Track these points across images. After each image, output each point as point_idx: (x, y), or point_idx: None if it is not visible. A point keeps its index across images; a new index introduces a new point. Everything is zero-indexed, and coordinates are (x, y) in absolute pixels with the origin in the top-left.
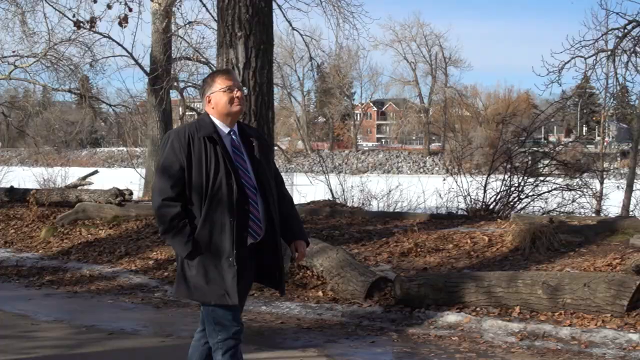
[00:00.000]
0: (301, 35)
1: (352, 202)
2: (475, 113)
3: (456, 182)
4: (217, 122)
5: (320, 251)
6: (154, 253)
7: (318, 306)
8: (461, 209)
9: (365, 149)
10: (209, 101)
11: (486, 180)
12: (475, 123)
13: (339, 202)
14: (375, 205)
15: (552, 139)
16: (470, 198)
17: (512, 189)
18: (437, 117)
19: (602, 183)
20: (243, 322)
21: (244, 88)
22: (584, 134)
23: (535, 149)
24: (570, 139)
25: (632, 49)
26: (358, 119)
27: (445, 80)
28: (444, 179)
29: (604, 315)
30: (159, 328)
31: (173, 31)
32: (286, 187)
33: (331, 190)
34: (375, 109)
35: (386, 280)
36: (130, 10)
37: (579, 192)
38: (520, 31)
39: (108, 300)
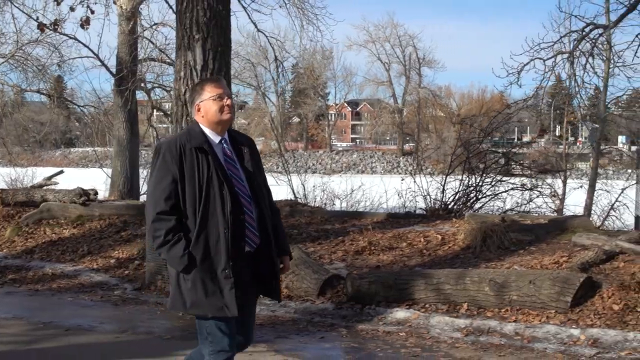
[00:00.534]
0: (266, 36)
1: (315, 202)
2: (449, 113)
3: (415, 182)
4: (207, 130)
5: None
6: (116, 252)
7: (272, 303)
8: (421, 208)
9: (339, 149)
10: (199, 109)
11: (445, 180)
12: (449, 123)
13: (300, 202)
14: (338, 205)
15: (525, 139)
16: (430, 198)
17: (470, 188)
18: (411, 117)
19: (564, 183)
20: (249, 334)
21: (233, 97)
22: (557, 134)
23: (493, 149)
24: (543, 139)
25: (589, 51)
26: (332, 119)
27: (419, 80)
28: (402, 179)
29: (548, 311)
30: (116, 325)
31: (139, 33)
32: None
33: (293, 190)
34: (350, 109)
35: (339, 277)
36: (92, 12)
37: (535, 192)
38: (494, 32)
39: (68, 298)
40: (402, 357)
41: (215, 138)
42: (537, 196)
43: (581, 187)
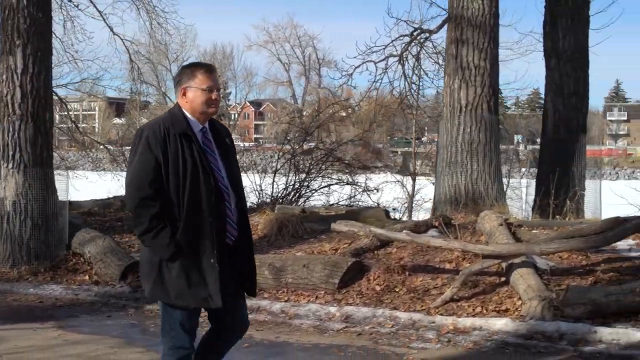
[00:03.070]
0: (122, 39)
1: None
2: (348, 113)
3: (248, 178)
4: (190, 117)
5: (91, 240)
6: None
7: (78, 288)
8: (252, 203)
9: (241, 149)
10: (184, 94)
11: (274, 177)
12: (349, 123)
13: None
14: None
15: (424, 139)
16: (262, 193)
17: (296, 184)
18: (312, 117)
19: (414, 180)
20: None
21: (221, 89)
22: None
23: (319, 147)
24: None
25: (416, 55)
26: (234, 119)
27: (319, 81)
28: None
29: (318, 292)
30: None
31: None
32: None
33: None
34: (253, 109)
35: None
36: None
37: (355, 187)
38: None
39: None
40: None
41: (196, 126)
42: (363, 191)
43: (432, 183)
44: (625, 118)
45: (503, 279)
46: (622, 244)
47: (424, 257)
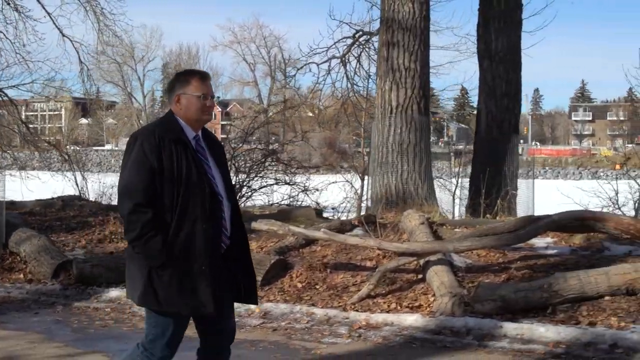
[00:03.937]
0: (71, 41)
1: (102, 198)
2: (314, 113)
3: None
4: (183, 124)
5: (27, 239)
6: None
7: (11, 286)
8: None
9: None
10: (178, 101)
11: None
12: (315, 123)
13: (84, 197)
14: None
15: None
16: None
17: (237, 185)
18: (278, 117)
19: (362, 180)
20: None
21: (216, 96)
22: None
23: (261, 148)
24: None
25: (358, 56)
26: None
27: (284, 81)
28: None
29: None
30: None
31: None
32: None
33: (77, 185)
34: (220, 109)
35: (72, 262)
36: None
37: (295, 187)
38: None
39: None
40: (92, 327)
41: (190, 133)
42: (302, 191)
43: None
44: (590, 118)
45: (420, 276)
46: (540, 242)
47: (347, 255)
